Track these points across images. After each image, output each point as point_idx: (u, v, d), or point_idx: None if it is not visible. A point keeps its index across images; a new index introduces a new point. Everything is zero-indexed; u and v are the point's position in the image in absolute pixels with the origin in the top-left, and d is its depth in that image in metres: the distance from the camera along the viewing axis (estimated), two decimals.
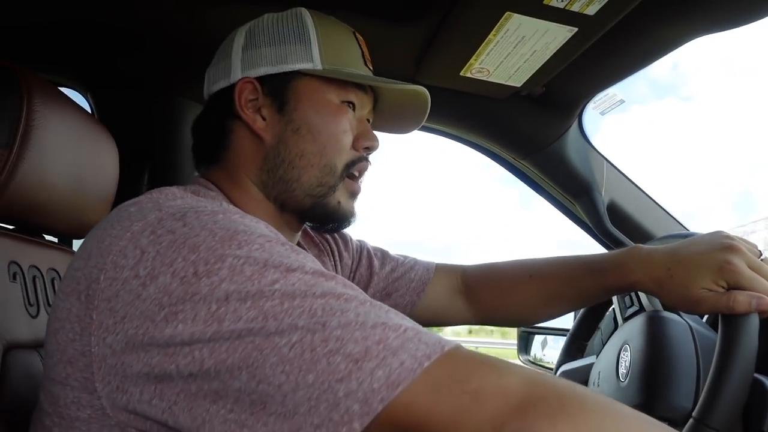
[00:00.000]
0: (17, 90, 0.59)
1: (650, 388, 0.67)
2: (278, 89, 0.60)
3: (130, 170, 0.79)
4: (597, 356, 0.85)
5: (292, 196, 0.60)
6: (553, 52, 0.81)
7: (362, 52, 0.64)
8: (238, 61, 0.61)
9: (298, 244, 0.74)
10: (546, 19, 0.74)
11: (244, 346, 0.38)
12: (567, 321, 1.45)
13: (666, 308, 0.76)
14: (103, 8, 0.83)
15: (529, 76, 0.89)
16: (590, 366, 0.85)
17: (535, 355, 1.62)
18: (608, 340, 0.83)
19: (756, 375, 0.70)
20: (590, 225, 1.15)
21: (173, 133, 1.05)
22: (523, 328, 1.64)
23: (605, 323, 0.90)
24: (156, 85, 1.03)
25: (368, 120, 0.66)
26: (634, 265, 0.66)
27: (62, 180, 0.66)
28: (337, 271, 0.77)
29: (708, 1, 0.72)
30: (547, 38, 0.78)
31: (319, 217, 0.62)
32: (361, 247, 0.82)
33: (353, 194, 0.63)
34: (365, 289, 0.79)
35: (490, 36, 0.78)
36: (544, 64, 0.85)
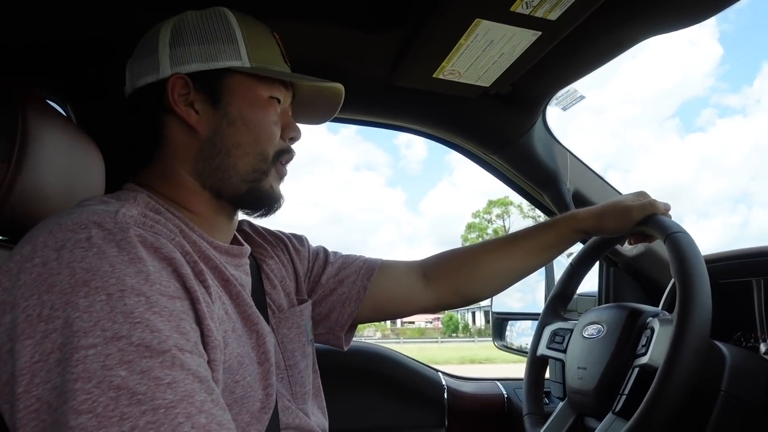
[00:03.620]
0: (12, 103, 0.60)
1: None
2: (211, 85, 0.63)
3: (113, 178, 0.80)
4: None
5: (228, 183, 0.63)
6: (519, 54, 0.87)
7: (281, 50, 0.68)
8: (166, 58, 0.62)
9: (248, 238, 0.77)
10: (512, 25, 0.79)
11: (37, 422, 0.40)
12: (539, 307, 1.53)
13: (605, 244, 0.97)
14: (80, 24, 0.84)
15: (497, 76, 0.95)
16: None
17: (508, 340, 1.69)
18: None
19: (712, 340, 0.78)
20: (558, 214, 1.22)
21: None
22: (496, 315, 1.71)
23: None
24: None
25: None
26: (580, 215, 0.87)
27: (56, 191, 0.67)
28: (293, 263, 0.81)
29: (657, 6, 0.80)
30: (513, 42, 0.84)
31: (254, 201, 0.66)
32: (317, 247, 0.88)
33: (281, 178, 0.68)
34: (320, 275, 0.84)
35: (461, 41, 0.83)
36: (510, 65, 0.91)
